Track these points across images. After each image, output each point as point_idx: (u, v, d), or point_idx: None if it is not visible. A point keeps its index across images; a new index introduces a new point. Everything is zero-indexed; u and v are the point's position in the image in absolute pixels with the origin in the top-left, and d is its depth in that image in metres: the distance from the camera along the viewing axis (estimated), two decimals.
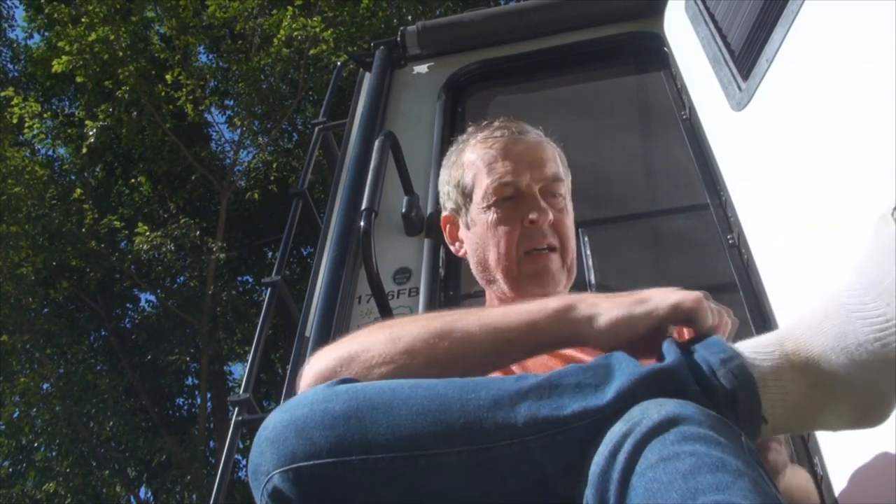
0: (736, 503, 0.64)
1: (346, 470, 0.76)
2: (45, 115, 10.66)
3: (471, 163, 1.31)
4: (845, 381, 0.78)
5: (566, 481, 0.75)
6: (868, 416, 0.80)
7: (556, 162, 1.31)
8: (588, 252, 2.01)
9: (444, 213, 1.40)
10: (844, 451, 1.29)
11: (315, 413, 0.80)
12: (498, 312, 0.92)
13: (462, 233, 1.35)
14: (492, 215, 1.26)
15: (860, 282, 0.79)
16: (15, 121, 9.94)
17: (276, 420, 0.84)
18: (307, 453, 0.78)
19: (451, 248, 1.39)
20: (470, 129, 1.39)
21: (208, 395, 10.90)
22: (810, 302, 0.84)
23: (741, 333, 1.69)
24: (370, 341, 0.93)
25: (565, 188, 1.30)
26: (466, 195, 1.32)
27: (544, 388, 0.78)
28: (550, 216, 1.23)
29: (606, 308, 0.89)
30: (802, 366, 0.79)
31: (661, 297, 0.88)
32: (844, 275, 0.83)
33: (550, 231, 1.25)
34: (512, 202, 1.25)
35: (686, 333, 1.04)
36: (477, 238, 1.30)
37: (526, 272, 1.24)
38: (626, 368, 0.79)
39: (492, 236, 1.26)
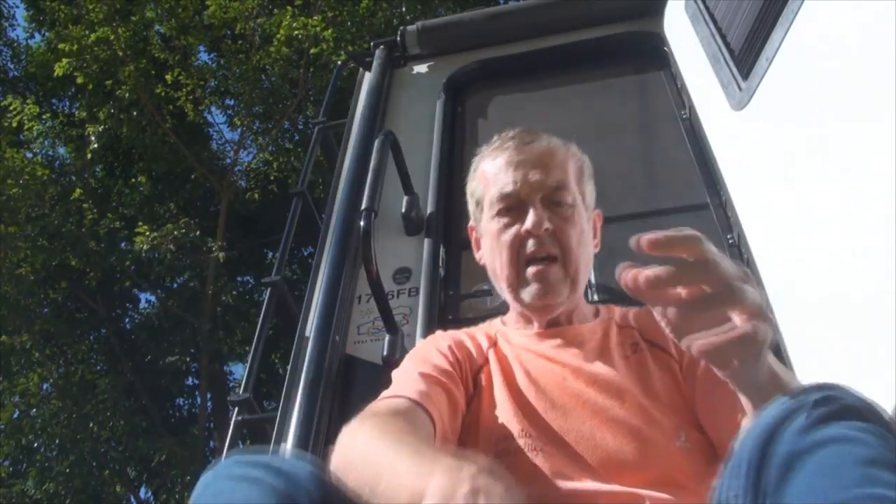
0: None
1: None
2: (44, 116, 10.66)
3: (483, 174, 1.33)
4: None
5: None
6: None
7: (566, 169, 1.29)
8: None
9: (470, 224, 1.42)
10: None
11: None
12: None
13: (481, 243, 1.36)
14: (495, 225, 1.27)
15: None
16: (14, 124, 9.94)
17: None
18: None
19: (476, 258, 1.40)
20: (493, 138, 1.40)
21: (208, 395, 10.89)
22: None
23: None
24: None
25: (573, 196, 1.27)
26: (479, 206, 1.34)
27: None
28: (547, 225, 1.22)
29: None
30: None
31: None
32: None
33: (550, 240, 1.23)
34: (514, 212, 1.25)
35: None
36: (487, 249, 1.31)
37: (525, 282, 1.24)
38: None
39: (496, 246, 1.27)
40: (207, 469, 0.89)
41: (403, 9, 9.98)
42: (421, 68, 2.77)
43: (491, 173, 1.30)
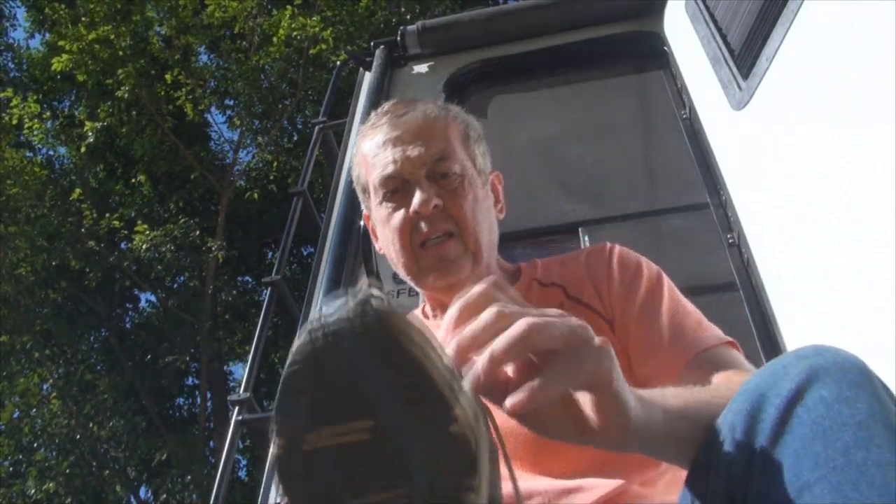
0: None
1: None
2: (44, 116, 10.66)
3: (363, 156, 1.22)
4: None
5: None
6: None
7: (447, 137, 1.19)
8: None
9: (364, 212, 1.32)
10: None
11: None
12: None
13: (377, 231, 1.26)
14: (384, 211, 1.17)
15: None
16: (14, 122, 9.94)
17: None
18: None
19: (376, 247, 1.29)
20: (371, 116, 1.27)
21: (208, 395, 10.89)
22: None
23: (742, 333, 1.70)
24: None
25: (461, 164, 1.17)
26: (366, 192, 1.23)
27: None
28: (436, 201, 1.12)
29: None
30: None
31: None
32: None
33: (442, 217, 1.13)
34: (400, 194, 1.15)
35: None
36: (381, 235, 1.22)
37: (424, 266, 1.15)
38: None
39: (388, 233, 1.17)
40: None
41: (402, 9, 9.98)
42: (421, 68, 2.77)
43: (370, 154, 1.19)
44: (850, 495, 0.64)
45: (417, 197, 1.12)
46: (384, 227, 1.18)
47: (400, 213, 1.14)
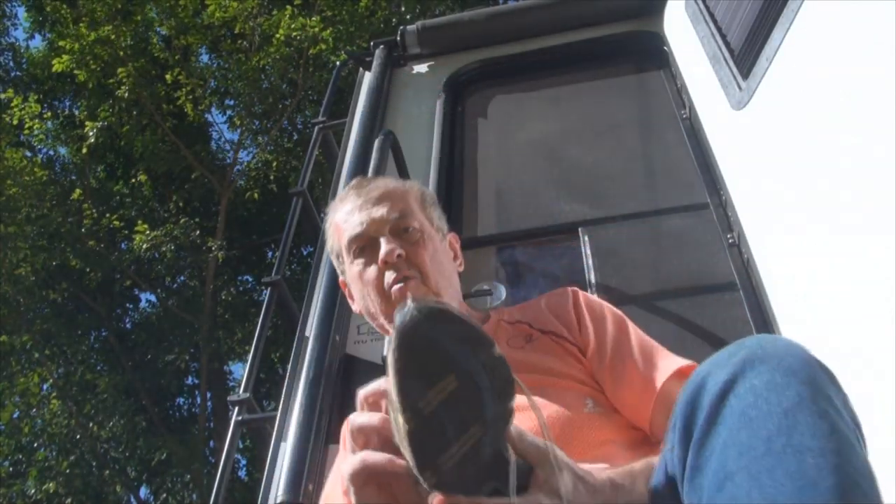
0: (828, 451, 0.65)
1: None
2: (45, 116, 10.66)
3: (335, 226, 1.40)
4: None
5: None
6: None
7: (406, 200, 1.37)
8: (588, 252, 2.01)
9: (340, 280, 1.47)
10: None
11: None
12: None
13: (352, 292, 1.41)
14: (357, 268, 1.33)
15: None
16: (15, 122, 9.93)
17: None
18: None
19: (353, 309, 1.45)
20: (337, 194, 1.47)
21: (208, 395, 10.89)
22: None
23: (742, 333, 1.70)
24: None
25: (419, 222, 1.35)
26: (339, 258, 1.40)
27: None
28: (399, 251, 1.28)
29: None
30: None
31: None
32: None
33: (406, 264, 1.29)
34: (368, 250, 1.32)
35: None
36: (357, 293, 1.37)
37: (394, 306, 1.26)
38: None
39: (363, 286, 1.32)
40: None
41: (402, 9, 9.98)
42: (421, 68, 2.77)
43: (341, 221, 1.37)
44: (766, 483, 0.65)
45: (384, 248, 1.28)
46: (358, 281, 1.33)
47: (371, 267, 1.30)
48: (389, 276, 1.28)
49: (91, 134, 9.73)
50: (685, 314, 1.83)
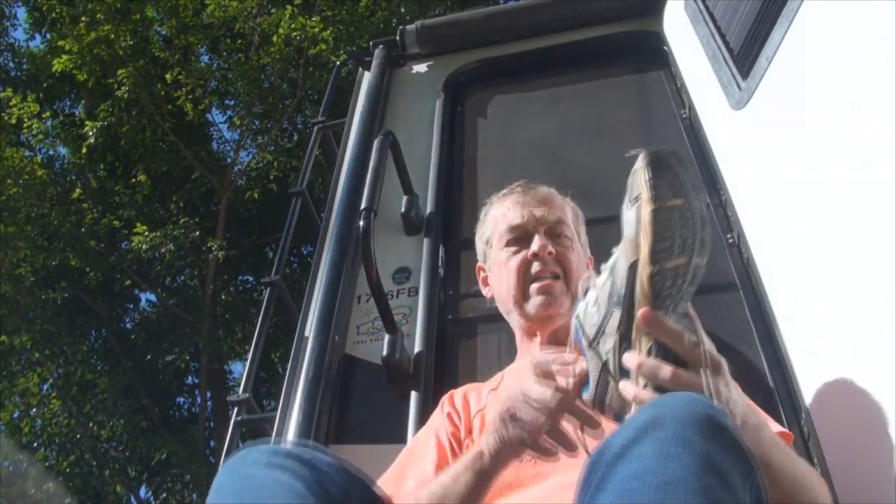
0: None
1: None
2: (44, 116, 10.64)
3: (493, 217, 1.54)
4: None
5: None
6: None
7: (564, 211, 1.51)
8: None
9: (478, 264, 1.60)
10: (842, 445, 1.29)
11: None
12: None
13: (488, 278, 1.55)
14: (504, 255, 1.46)
15: None
16: (14, 121, 9.93)
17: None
18: None
19: (484, 294, 1.58)
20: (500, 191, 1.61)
21: (208, 395, 10.88)
22: None
23: (742, 333, 1.70)
24: None
25: (572, 231, 1.48)
26: (489, 244, 1.53)
27: None
28: (551, 248, 1.41)
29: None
30: None
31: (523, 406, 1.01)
32: None
33: (553, 261, 1.41)
34: (521, 242, 1.45)
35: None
36: (495, 277, 1.50)
37: (533, 298, 1.41)
38: None
39: (505, 271, 1.45)
40: (229, 459, 0.93)
41: (402, 9, 9.98)
42: (420, 68, 2.77)
43: (500, 214, 1.51)
44: None
45: (537, 242, 1.42)
46: (501, 267, 1.46)
47: (519, 256, 1.44)
48: (536, 266, 1.41)
49: (91, 134, 9.72)
50: None
